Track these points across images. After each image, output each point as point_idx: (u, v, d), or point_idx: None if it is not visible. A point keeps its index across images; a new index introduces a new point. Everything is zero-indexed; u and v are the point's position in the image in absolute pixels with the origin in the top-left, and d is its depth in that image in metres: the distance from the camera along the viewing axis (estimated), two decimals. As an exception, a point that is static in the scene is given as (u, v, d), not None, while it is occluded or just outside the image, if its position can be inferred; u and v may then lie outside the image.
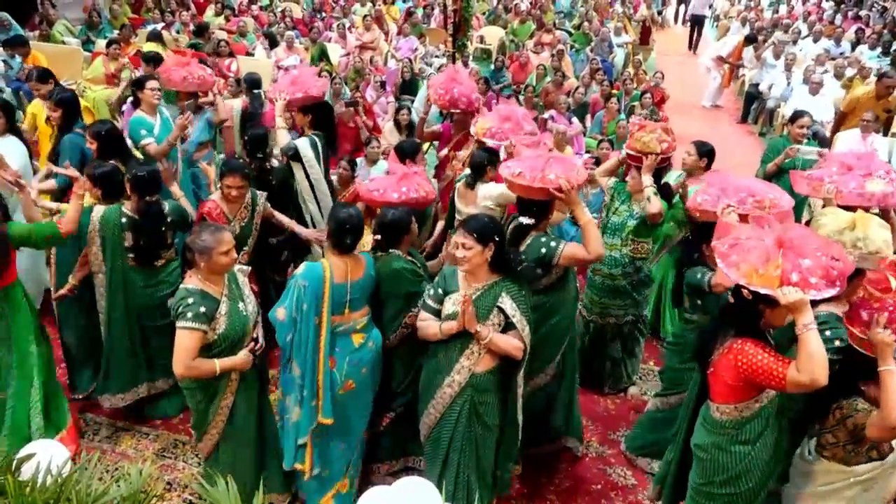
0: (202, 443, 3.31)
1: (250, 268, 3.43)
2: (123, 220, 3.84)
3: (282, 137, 4.78)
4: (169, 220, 3.95)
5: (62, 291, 3.97)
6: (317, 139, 4.83)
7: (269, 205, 4.38)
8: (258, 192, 4.35)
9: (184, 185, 4.86)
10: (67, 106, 4.63)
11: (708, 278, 3.32)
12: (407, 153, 4.46)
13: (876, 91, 7.53)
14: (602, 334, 4.51)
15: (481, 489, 3.22)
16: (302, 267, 3.25)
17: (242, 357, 3.11)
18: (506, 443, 3.29)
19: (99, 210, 3.85)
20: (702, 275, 3.37)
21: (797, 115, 5.91)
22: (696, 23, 17.01)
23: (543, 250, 3.33)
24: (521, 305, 3.01)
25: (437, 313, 3.09)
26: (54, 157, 4.58)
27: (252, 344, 3.18)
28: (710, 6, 18.43)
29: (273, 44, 10.69)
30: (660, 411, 3.93)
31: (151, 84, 4.96)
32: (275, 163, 4.82)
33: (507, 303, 2.98)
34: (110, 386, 4.08)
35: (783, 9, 18.43)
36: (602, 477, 3.93)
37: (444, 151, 5.21)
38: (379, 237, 3.41)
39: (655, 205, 3.92)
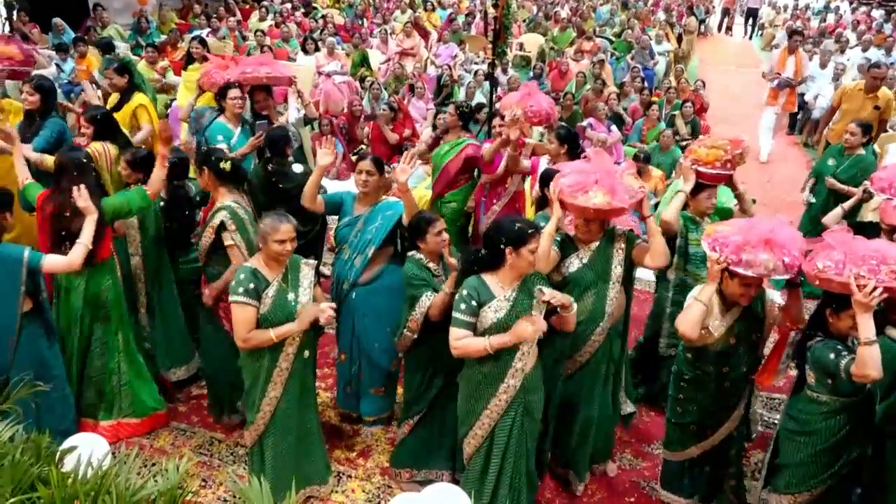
0: (248, 432, 3.44)
1: (316, 262, 3.51)
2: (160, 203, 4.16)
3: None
4: (198, 199, 4.24)
5: None
6: None
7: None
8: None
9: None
10: (45, 93, 4.85)
11: (845, 364, 2.78)
12: None
13: (865, 83, 6.90)
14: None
15: (529, 491, 3.24)
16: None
17: (299, 320, 3.22)
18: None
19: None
20: (835, 355, 2.84)
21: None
22: (751, 15, 19.33)
23: None
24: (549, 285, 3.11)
25: (473, 327, 3.01)
26: (33, 135, 4.74)
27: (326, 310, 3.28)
28: None
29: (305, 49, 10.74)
30: None
31: (232, 93, 5.01)
32: (298, 168, 4.70)
33: (545, 288, 3.00)
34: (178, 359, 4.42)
35: (831, 17, 18.01)
36: (635, 490, 3.87)
37: (502, 168, 5.02)
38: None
39: (670, 212, 3.73)
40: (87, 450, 1.87)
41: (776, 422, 3.97)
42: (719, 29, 20.64)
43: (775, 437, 3.31)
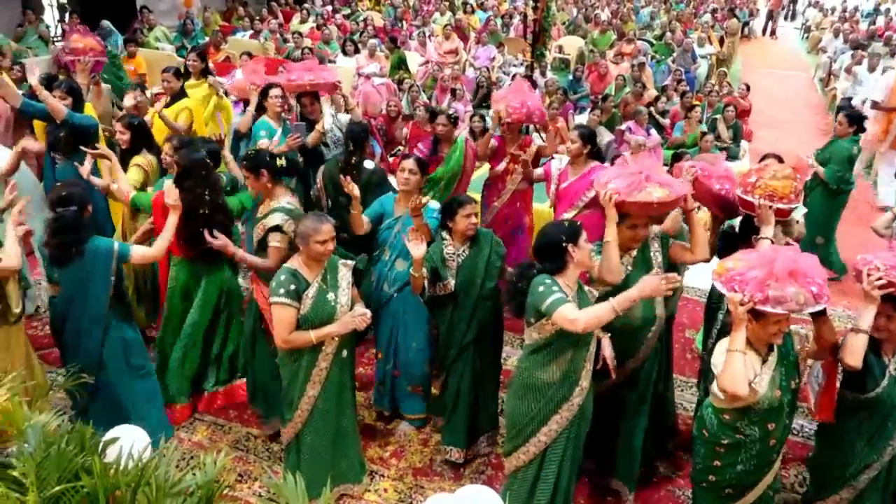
0: (285, 429, 3.49)
1: (354, 262, 3.55)
2: None
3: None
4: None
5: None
6: None
7: None
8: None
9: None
10: (76, 95, 5.03)
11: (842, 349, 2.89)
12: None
13: None
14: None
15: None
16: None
17: (339, 323, 3.28)
18: None
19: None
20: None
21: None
22: (770, 15, 20.18)
23: None
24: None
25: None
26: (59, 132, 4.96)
27: (362, 312, 3.35)
28: None
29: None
30: None
31: (274, 92, 5.12)
32: (370, 165, 4.78)
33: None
34: None
35: (881, 20, 17.53)
36: (670, 499, 3.81)
37: (502, 165, 5.14)
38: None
39: None
40: (129, 442, 1.91)
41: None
42: (763, 32, 20.28)
43: None
